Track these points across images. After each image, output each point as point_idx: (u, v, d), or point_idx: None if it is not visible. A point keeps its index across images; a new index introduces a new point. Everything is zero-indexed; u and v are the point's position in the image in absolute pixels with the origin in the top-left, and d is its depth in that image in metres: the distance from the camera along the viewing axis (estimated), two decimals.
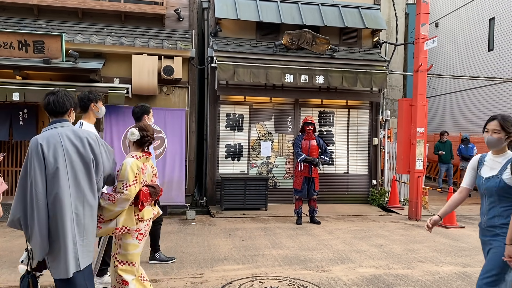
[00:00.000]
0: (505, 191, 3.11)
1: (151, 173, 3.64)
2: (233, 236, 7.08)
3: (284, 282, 4.83)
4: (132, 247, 3.44)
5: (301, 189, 8.16)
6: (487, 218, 3.24)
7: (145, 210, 3.50)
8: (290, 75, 9.48)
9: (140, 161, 3.50)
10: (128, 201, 3.30)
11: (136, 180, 3.36)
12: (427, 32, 8.94)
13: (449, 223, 8.16)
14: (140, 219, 3.45)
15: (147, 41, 9.14)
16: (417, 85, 8.95)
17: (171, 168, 8.77)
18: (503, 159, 3.24)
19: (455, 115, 16.29)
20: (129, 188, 3.30)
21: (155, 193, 3.51)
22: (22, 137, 9.37)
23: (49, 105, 3.07)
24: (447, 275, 5.20)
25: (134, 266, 3.48)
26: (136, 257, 3.49)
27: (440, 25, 17.53)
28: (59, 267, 2.89)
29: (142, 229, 3.46)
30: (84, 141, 3.03)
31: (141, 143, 3.58)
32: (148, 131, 3.59)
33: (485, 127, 3.42)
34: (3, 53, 7.85)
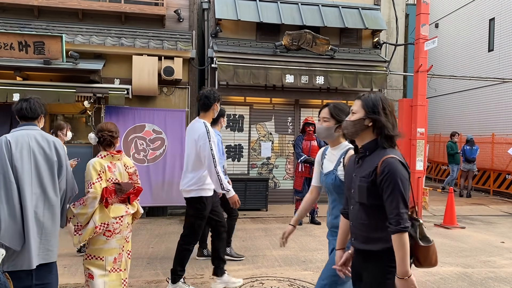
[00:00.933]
0: (342, 188, 2.74)
1: (123, 172, 3.68)
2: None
3: (284, 283, 4.82)
4: (99, 242, 3.54)
5: (301, 189, 8.15)
6: (331, 218, 2.93)
7: (113, 207, 3.55)
8: (290, 75, 9.48)
9: (105, 160, 3.59)
10: (96, 198, 3.42)
11: (100, 178, 3.46)
12: (427, 32, 8.93)
13: (449, 224, 8.16)
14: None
15: (147, 42, 9.14)
16: (417, 86, 8.94)
17: (171, 169, 8.77)
18: (337, 152, 2.90)
19: (455, 115, 16.28)
20: (93, 185, 3.42)
21: (120, 190, 3.55)
22: None
23: (22, 111, 3.27)
24: (447, 276, 5.20)
25: (103, 261, 3.55)
26: (105, 253, 3.55)
27: (440, 25, 17.53)
28: (22, 258, 2.98)
29: (109, 226, 3.53)
30: (51, 144, 3.20)
31: (101, 143, 3.65)
32: (103, 130, 3.64)
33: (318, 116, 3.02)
34: (4, 54, 7.85)
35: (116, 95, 8.22)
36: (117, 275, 3.62)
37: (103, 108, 8.69)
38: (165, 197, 8.71)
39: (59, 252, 5.82)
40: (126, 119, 8.72)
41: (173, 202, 8.72)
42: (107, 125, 3.69)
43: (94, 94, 8.31)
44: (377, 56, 10.48)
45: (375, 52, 10.67)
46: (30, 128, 3.24)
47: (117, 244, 3.59)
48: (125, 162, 3.73)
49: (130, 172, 3.75)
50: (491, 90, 14.08)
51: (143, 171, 8.68)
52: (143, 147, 8.75)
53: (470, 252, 6.36)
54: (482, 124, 14.47)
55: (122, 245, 3.65)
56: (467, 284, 4.91)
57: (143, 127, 8.79)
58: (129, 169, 3.74)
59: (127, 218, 3.67)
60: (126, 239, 3.68)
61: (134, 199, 3.73)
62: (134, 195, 3.70)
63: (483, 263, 5.81)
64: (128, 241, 3.73)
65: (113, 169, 3.60)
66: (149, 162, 8.72)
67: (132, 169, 3.77)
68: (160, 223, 8.16)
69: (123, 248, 3.66)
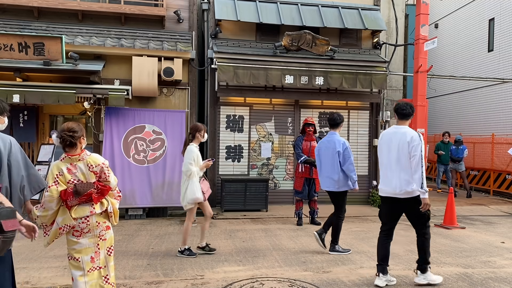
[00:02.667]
0: None
1: (86, 172, 3.58)
2: (234, 237, 7.08)
3: (284, 283, 4.82)
4: (71, 243, 3.61)
5: (301, 190, 8.15)
6: None
7: (76, 208, 3.54)
8: (290, 76, 9.48)
9: (64, 162, 3.57)
10: (53, 200, 3.47)
11: (56, 181, 3.47)
12: (427, 33, 8.94)
13: (449, 224, 8.16)
14: (72, 218, 3.54)
15: (147, 43, 9.14)
16: (417, 86, 8.95)
17: (171, 170, 8.77)
18: None
19: (455, 115, 16.29)
20: (49, 189, 3.46)
21: (76, 192, 3.51)
22: (23, 138, 9.37)
23: None
24: (447, 276, 5.19)
25: (79, 262, 3.59)
26: (79, 253, 3.59)
27: (440, 26, 17.53)
28: None
29: (76, 227, 3.56)
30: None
31: (64, 144, 3.59)
32: (63, 130, 3.58)
33: None
34: (3, 55, 7.86)
35: (116, 96, 8.22)
36: (98, 273, 3.65)
37: (103, 109, 8.69)
38: (165, 198, 8.71)
39: (58, 253, 5.82)
40: (126, 120, 8.72)
41: (173, 203, 8.72)
42: (68, 125, 3.61)
43: (94, 95, 8.32)
44: (377, 56, 10.48)
45: (374, 52, 10.68)
46: None
47: (90, 242, 3.61)
48: (89, 162, 3.60)
49: (95, 171, 3.61)
50: (491, 90, 14.09)
51: (143, 172, 8.69)
52: (143, 148, 8.75)
53: (470, 252, 6.35)
54: (482, 124, 14.47)
55: (97, 243, 3.64)
56: (467, 285, 4.91)
57: (143, 128, 8.80)
58: (93, 168, 3.60)
59: (95, 218, 3.62)
60: (100, 237, 3.65)
61: (100, 198, 3.62)
62: (99, 194, 3.61)
63: (483, 263, 5.81)
64: (104, 239, 3.68)
65: (73, 170, 3.54)
66: (149, 163, 8.72)
67: (97, 168, 3.61)
68: (160, 224, 8.15)
69: (98, 246, 3.64)
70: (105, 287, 3.67)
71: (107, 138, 8.58)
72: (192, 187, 5.72)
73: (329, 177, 6.16)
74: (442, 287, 4.80)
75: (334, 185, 6.14)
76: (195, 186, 5.74)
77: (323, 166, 6.29)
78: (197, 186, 5.75)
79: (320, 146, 6.38)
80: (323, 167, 6.28)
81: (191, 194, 5.72)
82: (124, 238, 6.93)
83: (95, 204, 3.61)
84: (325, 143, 6.28)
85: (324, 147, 6.27)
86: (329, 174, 6.16)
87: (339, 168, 6.08)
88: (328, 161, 6.18)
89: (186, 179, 5.77)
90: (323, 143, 6.33)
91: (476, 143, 13.95)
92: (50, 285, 4.67)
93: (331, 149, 6.14)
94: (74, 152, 3.58)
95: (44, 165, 8.35)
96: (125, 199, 8.29)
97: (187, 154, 5.78)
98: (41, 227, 3.60)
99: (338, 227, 6.24)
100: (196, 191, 5.73)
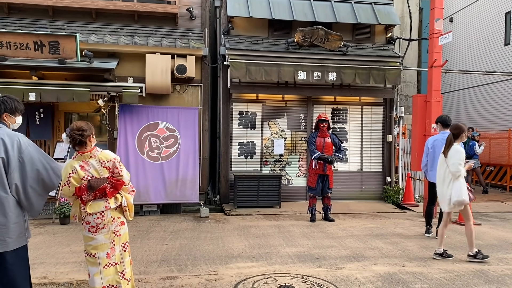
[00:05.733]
0: None
1: (99, 168, 3.65)
2: (247, 234, 7.10)
3: (298, 280, 4.83)
4: (87, 239, 3.68)
5: (315, 186, 8.13)
6: None
7: (92, 204, 3.61)
8: (302, 72, 9.45)
9: (76, 160, 3.65)
10: (66, 197, 3.70)
11: (68, 181, 3.58)
12: (441, 27, 8.82)
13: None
14: (86, 213, 3.62)
15: (160, 40, 9.20)
16: (432, 81, 8.84)
17: (184, 166, 8.83)
18: None
19: (470, 111, 16.06)
20: (62, 188, 3.65)
21: (90, 187, 3.58)
22: (39, 136, 9.52)
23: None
24: (463, 273, 5.15)
25: (95, 258, 3.64)
26: (96, 249, 3.65)
27: (455, 19, 17.27)
28: None
29: (91, 222, 3.63)
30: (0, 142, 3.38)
31: (74, 143, 3.67)
32: (72, 130, 3.65)
33: None
34: (20, 54, 7.98)
35: (130, 93, 8.29)
36: (114, 269, 3.70)
37: (117, 107, 8.78)
38: (179, 194, 8.77)
39: (75, 249, 5.92)
40: (140, 117, 8.80)
41: (186, 199, 8.78)
42: (76, 124, 3.68)
43: (108, 93, 8.40)
44: (390, 51, 10.38)
45: (388, 47, 10.58)
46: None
47: (105, 239, 3.66)
48: (100, 158, 3.67)
49: (108, 166, 3.68)
50: (507, 84, 13.85)
51: (157, 169, 8.76)
52: (157, 144, 8.82)
53: (486, 249, 6.27)
54: (498, 119, 14.24)
55: (113, 239, 3.69)
56: (483, 281, 4.85)
57: (156, 125, 8.86)
58: (106, 164, 3.67)
59: (110, 213, 3.68)
60: (115, 233, 3.70)
61: (114, 193, 3.69)
62: (112, 189, 3.67)
63: (499, 260, 5.74)
64: (119, 235, 3.73)
65: (86, 167, 3.62)
66: (163, 159, 8.79)
67: (109, 163, 3.68)
68: (174, 220, 8.22)
69: (114, 242, 3.69)
70: (121, 282, 3.72)
71: (122, 135, 8.66)
72: (459, 188, 5.55)
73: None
74: (458, 284, 4.76)
75: None
76: (463, 188, 5.56)
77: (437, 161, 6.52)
78: (464, 188, 5.57)
79: (436, 143, 6.90)
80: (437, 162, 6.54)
81: (458, 196, 5.54)
82: (138, 234, 7.01)
83: (110, 199, 3.67)
84: (441, 140, 6.65)
85: (441, 144, 6.57)
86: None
87: None
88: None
89: (450, 181, 5.62)
90: (439, 141, 6.81)
91: (492, 138, 13.74)
92: (67, 280, 4.75)
93: None
94: (85, 150, 3.66)
95: (60, 162, 8.47)
96: (139, 196, 8.37)
97: (456, 155, 5.59)
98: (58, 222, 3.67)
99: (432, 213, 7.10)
100: (464, 193, 5.55)
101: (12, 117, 3.62)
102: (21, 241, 3.51)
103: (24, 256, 3.60)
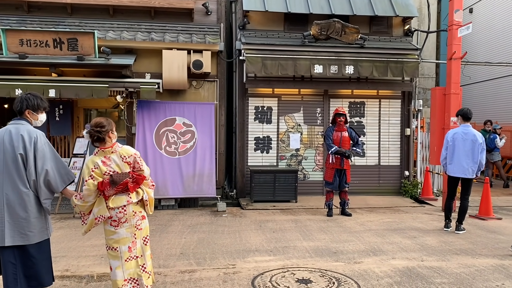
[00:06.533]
0: None
1: (120, 163, 3.70)
2: (264, 228, 7.13)
3: (315, 274, 4.84)
4: (109, 233, 3.73)
5: (332, 181, 8.10)
6: None
7: (113, 198, 3.66)
8: (319, 66, 9.39)
9: (98, 156, 3.71)
10: (91, 194, 3.62)
11: (92, 175, 3.60)
12: (461, 18, 8.65)
13: (485, 215, 7.94)
14: (108, 207, 3.67)
15: (176, 36, 9.24)
16: (451, 74, 8.70)
17: (201, 161, 8.89)
18: None
19: (491, 103, 15.73)
20: (86, 182, 3.62)
21: (113, 181, 3.63)
22: (59, 132, 9.70)
23: (13, 106, 3.75)
24: (483, 268, 5.08)
25: (117, 251, 3.71)
26: (117, 243, 3.71)
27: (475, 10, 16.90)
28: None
29: (114, 216, 3.68)
30: (19, 138, 3.51)
31: (92, 139, 3.73)
32: (91, 127, 3.71)
33: None
34: (40, 51, 8.12)
35: (148, 89, 8.37)
36: (135, 262, 3.77)
37: (135, 102, 8.87)
38: (196, 189, 8.84)
39: (95, 243, 6.03)
40: (157, 113, 8.88)
41: (203, 194, 8.85)
42: (95, 121, 3.74)
43: (126, 89, 8.49)
44: (408, 44, 10.24)
45: (406, 40, 10.43)
46: (14, 122, 3.63)
47: (127, 233, 3.72)
48: (121, 153, 3.73)
49: (129, 161, 3.74)
50: None
51: (174, 164, 8.84)
52: (174, 140, 8.89)
53: (507, 243, 6.17)
54: None
55: (134, 233, 3.75)
56: (504, 276, 4.79)
57: (173, 120, 8.93)
58: (127, 159, 3.74)
59: (132, 207, 3.74)
60: (137, 226, 3.77)
61: (135, 187, 3.75)
62: (134, 183, 3.72)
63: None
64: (140, 229, 3.79)
65: (108, 162, 3.68)
66: (180, 154, 8.87)
67: (130, 158, 3.75)
68: (192, 214, 8.30)
69: (135, 236, 3.76)
70: (142, 275, 3.78)
71: (140, 131, 8.76)
72: None
73: (465, 165, 6.79)
74: (478, 279, 4.70)
75: (470, 173, 6.79)
76: None
77: (457, 155, 6.88)
78: None
79: (456, 137, 6.93)
80: (457, 156, 6.86)
81: None
82: (157, 228, 7.10)
83: (131, 193, 3.74)
84: (462, 134, 6.87)
85: (461, 138, 6.86)
86: (466, 163, 6.80)
87: (478, 157, 6.75)
88: (466, 150, 6.80)
89: None
90: (459, 134, 6.90)
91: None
92: (88, 273, 4.85)
93: (470, 140, 6.80)
94: (106, 146, 3.72)
95: (79, 157, 8.63)
96: (157, 190, 8.46)
97: None
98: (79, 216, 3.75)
99: (466, 208, 6.95)
100: None
101: (34, 114, 3.72)
102: (43, 235, 3.63)
103: (46, 250, 3.71)
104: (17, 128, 3.56)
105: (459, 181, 7.02)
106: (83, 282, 4.54)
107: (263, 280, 4.61)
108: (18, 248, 3.50)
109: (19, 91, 7.72)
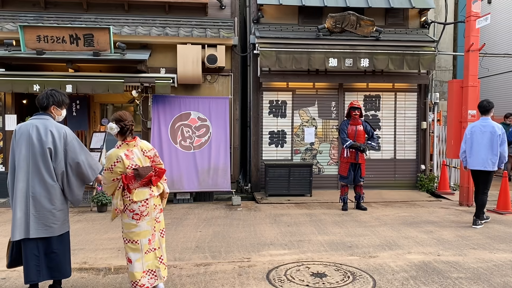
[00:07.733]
0: None
1: (141, 157, 3.81)
2: (278, 222, 7.14)
3: (330, 268, 4.83)
4: (130, 226, 3.78)
5: (347, 175, 8.06)
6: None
7: (136, 192, 3.74)
8: (333, 59, 9.32)
9: (121, 149, 3.77)
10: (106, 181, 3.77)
11: (111, 168, 3.71)
12: (479, 9, 8.48)
13: (503, 209, 7.82)
14: (132, 201, 3.73)
15: (190, 31, 9.27)
16: (468, 66, 8.55)
17: (216, 156, 8.93)
18: None
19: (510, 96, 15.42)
20: (104, 172, 3.77)
21: (138, 175, 3.72)
22: (76, 127, 9.84)
23: (36, 101, 3.86)
24: (501, 263, 5.01)
25: (138, 244, 3.77)
26: (138, 236, 3.78)
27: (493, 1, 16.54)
28: (12, 231, 3.60)
29: (136, 210, 3.75)
30: (48, 133, 3.63)
31: (123, 132, 3.81)
32: (125, 120, 3.78)
33: None
34: (57, 47, 8.23)
35: (163, 84, 8.42)
36: (153, 254, 3.85)
37: (150, 97, 8.94)
38: (211, 183, 8.89)
39: (112, 236, 6.11)
40: (172, 107, 8.93)
41: (218, 188, 8.89)
42: (126, 115, 3.83)
43: (141, 84, 8.57)
44: (424, 36, 10.09)
45: (422, 32, 10.27)
46: (38, 117, 3.75)
47: (148, 226, 3.80)
48: (142, 147, 3.85)
49: (149, 155, 3.87)
50: None
51: (189, 158, 8.90)
52: (189, 134, 8.94)
53: None
54: None
55: (154, 226, 3.84)
56: None
57: (188, 115, 8.98)
58: (147, 153, 3.86)
59: (153, 200, 3.84)
60: (156, 219, 3.86)
61: (158, 181, 3.87)
62: (156, 177, 3.84)
63: None
64: (159, 221, 3.91)
65: (131, 156, 3.76)
66: (195, 149, 8.92)
67: (151, 152, 3.89)
68: (207, 208, 8.36)
69: (154, 228, 3.85)
70: (160, 267, 3.86)
71: (155, 125, 8.84)
72: None
73: (484, 158, 6.73)
74: (496, 274, 4.64)
75: (490, 165, 6.71)
76: None
77: (476, 147, 6.84)
78: None
79: (474, 130, 6.90)
80: (476, 148, 6.81)
81: None
82: (173, 221, 7.17)
83: (153, 187, 3.82)
84: (480, 127, 6.86)
85: (479, 130, 6.83)
86: (485, 155, 6.74)
87: (497, 149, 6.67)
88: (485, 143, 6.76)
89: None
90: (477, 127, 6.87)
91: None
92: (106, 266, 4.93)
93: (489, 132, 6.74)
94: (131, 139, 3.82)
95: (96, 152, 8.74)
96: (173, 184, 8.54)
97: None
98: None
99: (484, 202, 6.86)
100: None
101: (58, 109, 3.88)
102: (65, 227, 3.77)
103: (67, 242, 3.84)
104: (44, 124, 3.68)
105: (483, 174, 6.89)
106: (101, 275, 4.62)
107: (278, 274, 4.63)
108: (42, 240, 3.62)
109: (37, 86, 7.85)
